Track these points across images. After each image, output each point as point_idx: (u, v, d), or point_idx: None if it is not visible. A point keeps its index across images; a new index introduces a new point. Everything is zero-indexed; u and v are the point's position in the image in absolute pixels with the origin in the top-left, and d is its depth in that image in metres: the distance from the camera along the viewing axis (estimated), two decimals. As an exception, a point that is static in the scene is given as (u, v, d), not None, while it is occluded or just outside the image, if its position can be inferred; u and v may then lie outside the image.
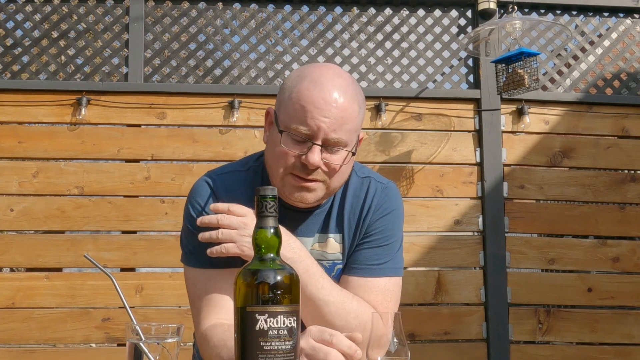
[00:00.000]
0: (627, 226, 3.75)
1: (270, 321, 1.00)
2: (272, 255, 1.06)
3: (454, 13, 3.89)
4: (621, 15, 4.00)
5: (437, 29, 3.89)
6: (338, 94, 1.41)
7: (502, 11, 3.82)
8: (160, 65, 3.85)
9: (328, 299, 1.42)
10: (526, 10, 3.89)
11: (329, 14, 3.88)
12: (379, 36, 3.88)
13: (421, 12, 3.89)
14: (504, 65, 3.34)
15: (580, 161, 3.80)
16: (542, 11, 3.91)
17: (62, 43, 4.00)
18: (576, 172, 3.80)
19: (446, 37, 3.88)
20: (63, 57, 4.09)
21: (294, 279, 1.05)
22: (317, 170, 1.43)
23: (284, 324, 1.01)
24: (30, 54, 3.70)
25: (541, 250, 3.69)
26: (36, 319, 3.42)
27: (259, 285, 1.03)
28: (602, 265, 3.72)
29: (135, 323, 1.10)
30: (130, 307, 1.19)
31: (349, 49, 3.83)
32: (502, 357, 3.55)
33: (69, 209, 3.51)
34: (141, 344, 1.06)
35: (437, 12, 3.89)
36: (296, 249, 1.43)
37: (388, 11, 3.90)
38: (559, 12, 3.93)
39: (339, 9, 3.90)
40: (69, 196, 3.53)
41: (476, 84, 3.80)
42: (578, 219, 3.74)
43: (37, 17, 3.72)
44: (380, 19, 3.98)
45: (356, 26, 3.88)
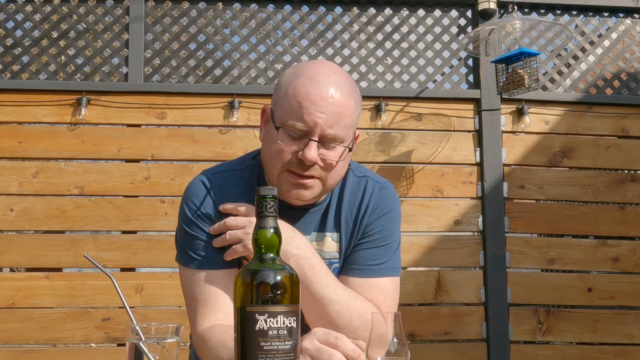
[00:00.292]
0: (627, 226, 3.75)
1: (270, 321, 1.00)
2: (272, 255, 1.06)
3: (454, 13, 3.89)
4: (621, 15, 4.00)
5: (437, 29, 3.89)
6: (334, 90, 1.42)
7: (502, 11, 3.82)
8: (160, 65, 3.85)
9: (332, 297, 1.42)
10: (526, 10, 3.89)
11: (329, 14, 3.88)
12: (379, 36, 3.88)
13: (421, 12, 3.89)
14: (504, 65, 3.34)
15: (580, 161, 3.80)
16: (542, 11, 3.91)
17: (62, 43, 4.00)
18: (576, 172, 3.80)
19: (446, 37, 3.88)
20: (63, 57, 4.09)
21: (293, 279, 1.05)
22: (314, 166, 1.43)
23: (283, 324, 1.01)
24: (30, 54, 3.70)
25: (541, 250, 3.69)
26: (36, 319, 3.42)
27: (258, 285, 1.03)
28: (602, 265, 3.72)
29: (135, 323, 1.10)
30: (130, 307, 1.19)
31: (349, 49, 3.83)
32: (502, 357, 3.55)
33: (69, 209, 3.51)
34: (141, 344, 1.06)
35: (437, 12, 3.89)
36: (302, 245, 1.43)
37: (388, 11, 3.90)
38: (559, 12, 3.93)
39: (339, 9, 3.90)
40: (69, 196, 3.53)
41: (476, 84, 3.80)
42: (578, 219, 3.74)
43: (37, 17, 3.72)
44: (380, 19, 3.98)
45: (356, 26, 3.88)
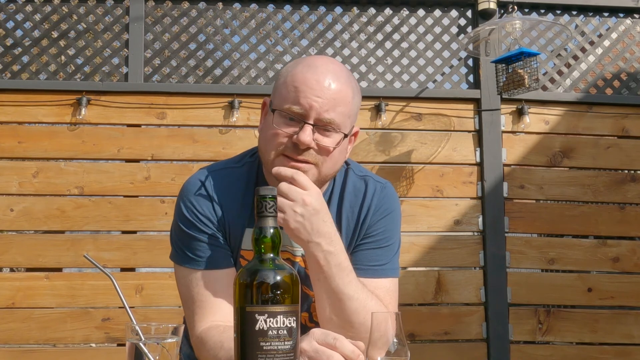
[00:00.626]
0: (627, 226, 3.75)
1: (270, 321, 1.00)
2: (271, 255, 1.06)
3: (454, 13, 3.89)
4: (621, 15, 4.00)
5: (437, 29, 3.89)
6: (332, 77, 1.43)
7: (502, 11, 3.82)
8: (160, 65, 3.85)
9: (353, 294, 1.41)
10: (526, 10, 3.89)
11: (329, 14, 3.88)
12: (379, 36, 3.88)
13: (421, 12, 3.89)
14: (504, 65, 3.34)
15: (580, 161, 3.80)
16: (542, 11, 3.91)
17: (62, 43, 3.99)
18: (576, 172, 3.80)
19: (446, 37, 3.88)
20: (63, 57, 4.09)
21: (293, 279, 1.05)
22: (309, 151, 1.41)
23: (283, 324, 1.01)
24: (30, 54, 3.70)
25: (541, 250, 3.69)
26: (36, 319, 3.42)
27: (258, 285, 1.03)
28: (602, 265, 3.72)
29: (135, 323, 1.10)
30: (130, 307, 1.18)
31: (349, 49, 3.83)
32: (502, 357, 3.55)
33: (69, 209, 3.51)
34: (141, 344, 1.06)
35: (437, 12, 3.89)
36: (335, 242, 1.41)
37: (388, 11, 3.90)
38: (559, 12, 3.93)
39: (339, 9, 3.90)
40: (69, 196, 3.53)
41: (476, 84, 3.80)
42: (578, 219, 3.74)
43: (37, 17, 3.72)
44: (380, 19, 3.97)
45: (356, 26, 3.88)
